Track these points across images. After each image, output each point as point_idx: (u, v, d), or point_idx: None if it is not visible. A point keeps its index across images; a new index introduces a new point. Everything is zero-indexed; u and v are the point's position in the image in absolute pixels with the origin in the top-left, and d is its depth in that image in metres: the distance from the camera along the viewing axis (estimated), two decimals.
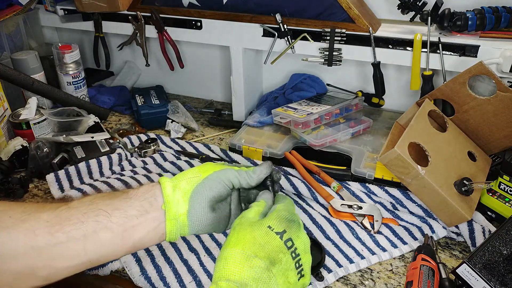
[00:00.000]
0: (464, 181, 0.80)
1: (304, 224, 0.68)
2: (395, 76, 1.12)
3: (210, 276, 0.74)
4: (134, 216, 0.53)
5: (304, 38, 1.03)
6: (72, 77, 1.21)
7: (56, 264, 0.51)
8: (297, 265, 0.53)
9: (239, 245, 0.52)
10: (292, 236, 0.54)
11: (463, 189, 0.80)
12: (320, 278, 0.71)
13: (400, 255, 0.78)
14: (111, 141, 1.08)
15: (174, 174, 0.85)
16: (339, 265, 0.75)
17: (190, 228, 0.57)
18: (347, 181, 0.94)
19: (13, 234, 0.49)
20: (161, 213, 0.55)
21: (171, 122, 1.18)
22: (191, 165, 0.99)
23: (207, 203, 0.57)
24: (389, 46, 0.97)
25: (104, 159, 1.00)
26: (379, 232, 0.81)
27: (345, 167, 0.96)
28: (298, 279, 0.53)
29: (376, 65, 1.01)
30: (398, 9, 0.96)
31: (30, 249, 0.49)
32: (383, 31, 0.99)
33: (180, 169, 0.98)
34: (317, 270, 0.71)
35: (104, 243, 0.52)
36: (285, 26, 1.02)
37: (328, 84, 1.20)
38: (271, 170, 0.63)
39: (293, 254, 0.53)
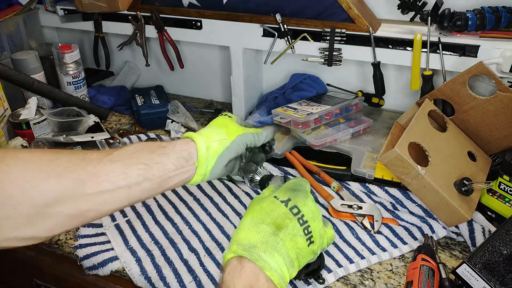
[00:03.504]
0: (464, 181, 0.80)
1: None
2: (395, 76, 1.12)
3: (210, 276, 0.74)
4: (171, 170, 0.62)
5: (304, 38, 1.02)
6: (72, 77, 1.20)
7: (102, 208, 0.57)
8: (305, 231, 0.58)
9: (249, 214, 0.60)
10: (298, 203, 0.60)
11: (463, 189, 0.80)
12: (321, 281, 0.71)
13: (400, 255, 0.78)
14: (111, 141, 1.08)
15: None
16: (339, 265, 0.75)
17: (207, 179, 0.67)
18: (347, 181, 0.94)
19: (64, 182, 0.53)
20: (193, 167, 0.64)
21: (171, 122, 1.18)
22: None
23: (225, 162, 0.67)
24: (389, 46, 0.97)
25: None
26: (379, 232, 0.81)
27: (345, 167, 0.96)
28: (308, 245, 0.59)
29: (376, 65, 1.01)
30: (398, 9, 0.96)
31: (79, 196, 0.54)
32: (383, 31, 0.98)
33: None
34: (317, 273, 0.71)
35: (144, 190, 0.60)
36: (285, 26, 1.02)
37: (328, 84, 1.20)
38: (274, 134, 0.76)
39: (300, 221, 0.59)
